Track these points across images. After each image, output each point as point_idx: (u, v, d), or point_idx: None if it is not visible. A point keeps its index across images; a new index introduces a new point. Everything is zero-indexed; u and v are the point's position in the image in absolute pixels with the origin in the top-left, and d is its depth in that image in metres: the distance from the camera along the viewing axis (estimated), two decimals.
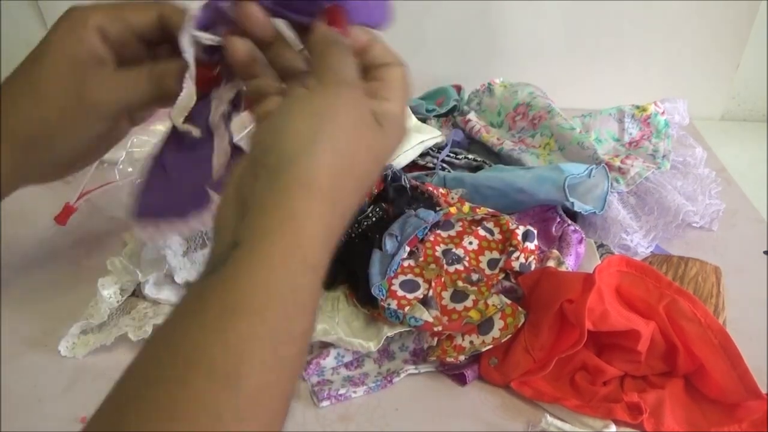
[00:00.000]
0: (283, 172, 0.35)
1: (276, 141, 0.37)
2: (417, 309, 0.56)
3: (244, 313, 0.32)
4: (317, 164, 0.36)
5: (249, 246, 0.34)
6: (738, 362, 0.50)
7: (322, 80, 0.39)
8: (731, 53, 1.03)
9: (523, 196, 0.67)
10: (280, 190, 0.35)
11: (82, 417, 0.52)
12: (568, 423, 0.50)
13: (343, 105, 0.38)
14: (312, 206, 0.35)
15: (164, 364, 0.32)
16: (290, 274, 0.34)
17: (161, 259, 0.60)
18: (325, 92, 0.38)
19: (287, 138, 0.36)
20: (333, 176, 0.36)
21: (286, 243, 0.35)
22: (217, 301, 0.33)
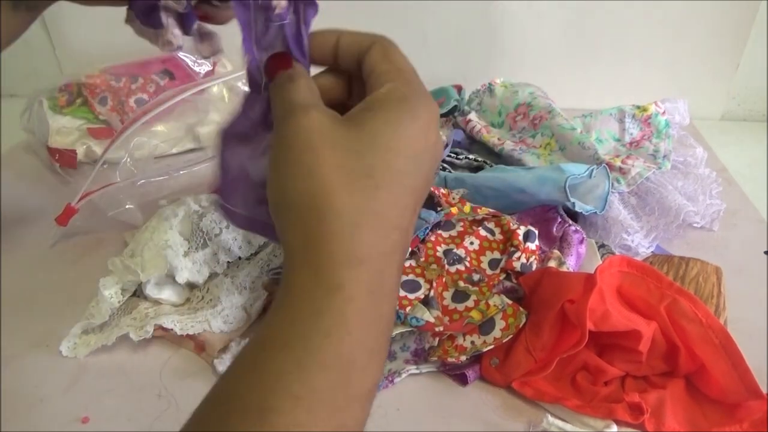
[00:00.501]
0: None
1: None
2: (418, 309, 0.56)
3: (269, 348, 0.33)
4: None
5: (280, 289, 0.35)
6: (739, 362, 0.50)
7: (275, 127, 0.39)
8: (731, 53, 1.03)
9: (523, 196, 0.67)
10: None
11: (84, 417, 0.52)
12: (570, 423, 0.50)
13: (291, 134, 0.37)
14: (331, 232, 0.35)
15: (212, 403, 0.33)
16: (310, 300, 0.34)
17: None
18: (284, 138, 0.37)
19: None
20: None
21: (304, 276, 0.35)
22: (252, 342, 0.34)
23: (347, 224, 0.34)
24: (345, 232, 0.34)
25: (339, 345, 0.33)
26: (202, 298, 0.62)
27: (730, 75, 1.05)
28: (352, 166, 0.35)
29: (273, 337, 0.34)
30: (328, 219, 0.34)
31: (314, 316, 0.33)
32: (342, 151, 0.36)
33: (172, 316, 0.58)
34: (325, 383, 0.32)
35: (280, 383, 0.32)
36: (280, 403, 0.31)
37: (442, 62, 1.07)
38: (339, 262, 0.34)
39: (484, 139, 0.84)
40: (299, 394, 0.31)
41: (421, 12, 1.03)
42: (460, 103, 0.93)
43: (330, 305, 0.33)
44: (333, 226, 0.34)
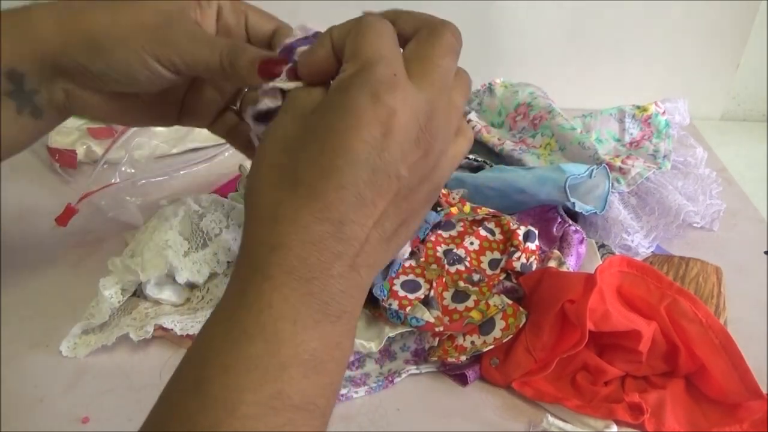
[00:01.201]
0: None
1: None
2: (418, 309, 0.56)
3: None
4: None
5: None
6: (739, 362, 0.50)
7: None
8: (731, 53, 1.03)
9: (524, 196, 0.67)
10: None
11: (84, 417, 0.52)
12: (570, 423, 0.50)
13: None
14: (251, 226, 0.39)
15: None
16: (239, 281, 0.37)
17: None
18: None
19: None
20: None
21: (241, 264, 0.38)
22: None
23: (267, 217, 0.37)
24: (265, 224, 0.37)
25: (258, 316, 0.35)
26: (202, 298, 0.62)
27: (730, 75, 1.05)
28: (283, 163, 0.38)
29: (210, 318, 0.37)
30: (254, 212, 0.38)
31: (237, 295, 0.37)
32: (282, 150, 0.38)
33: (173, 316, 0.58)
34: (251, 351, 0.34)
35: (211, 354, 0.35)
36: (212, 372, 0.34)
37: None
38: (255, 250, 0.37)
39: (484, 139, 0.84)
40: (228, 363, 0.34)
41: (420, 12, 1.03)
42: None
43: (250, 284, 0.36)
44: (256, 218, 0.38)
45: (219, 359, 0.34)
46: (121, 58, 0.45)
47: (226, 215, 0.63)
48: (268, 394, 0.33)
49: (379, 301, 0.56)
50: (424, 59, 0.40)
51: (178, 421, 0.33)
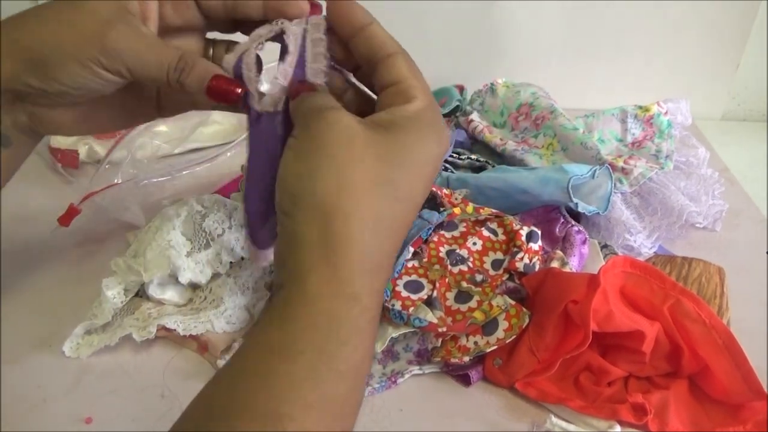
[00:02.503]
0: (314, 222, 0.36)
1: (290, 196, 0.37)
2: (421, 310, 0.56)
3: (286, 353, 0.33)
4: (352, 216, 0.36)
5: (290, 287, 0.35)
6: (742, 363, 0.50)
7: (296, 134, 0.40)
8: (731, 53, 1.03)
9: (526, 196, 0.67)
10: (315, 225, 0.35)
11: (87, 417, 0.52)
12: (573, 424, 0.50)
13: (338, 138, 0.37)
14: (353, 236, 0.35)
15: (214, 406, 0.33)
16: (328, 308, 0.34)
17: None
18: (315, 133, 0.38)
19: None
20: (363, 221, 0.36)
21: (322, 277, 0.34)
22: (257, 343, 0.34)
23: (369, 229, 0.35)
24: (366, 238, 0.35)
25: (354, 354, 0.33)
26: (205, 299, 0.61)
27: (730, 75, 1.05)
28: (381, 173, 0.36)
29: (285, 341, 0.33)
30: (351, 220, 0.34)
31: (333, 324, 0.33)
32: (373, 156, 0.36)
33: (175, 317, 0.58)
34: (338, 391, 0.32)
35: (294, 391, 0.32)
36: (293, 410, 0.31)
37: (443, 62, 1.07)
38: (358, 269, 0.34)
39: (486, 139, 0.84)
40: (312, 402, 0.32)
41: (421, 12, 1.03)
42: (462, 103, 0.92)
43: (348, 314, 0.34)
44: (354, 228, 0.34)
45: (303, 396, 0.32)
46: (69, 72, 0.43)
47: (229, 215, 0.63)
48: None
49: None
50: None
51: None
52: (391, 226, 0.36)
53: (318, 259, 0.34)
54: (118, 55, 0.43)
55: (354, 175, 0.35)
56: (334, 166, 0.35)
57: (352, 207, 0.35)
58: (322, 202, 0.35)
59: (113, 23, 0.43)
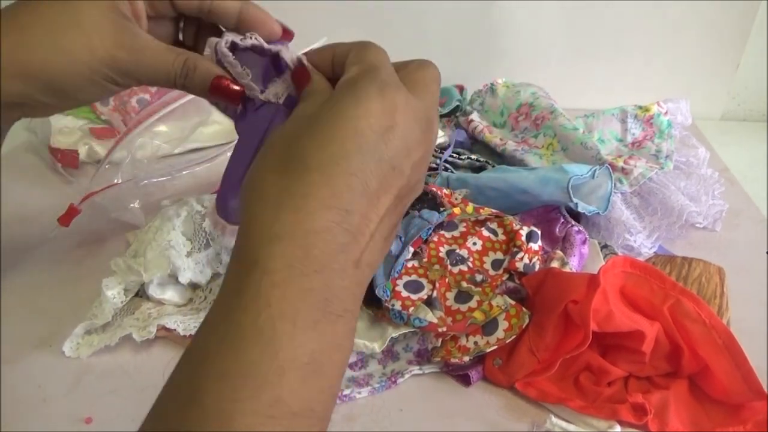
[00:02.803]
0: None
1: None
2: (421, 310, 0.56)
3: (201, 330, 0.35)
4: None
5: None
6: (742, 363, 0.50)
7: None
8: (731, 53, 1.03)
9: (526, 197, 0.67)
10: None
11: (87, 417, 0.52)
12: (573, 424, 0.50)
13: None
14: (252, 211, 0.37)
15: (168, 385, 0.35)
16: (233, 276, 0.36)
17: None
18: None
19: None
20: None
21: (234, 252, 0.36)
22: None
23: (270, 205, 0.36)
24: (267, 212, 0.36)
25: (256, 318, 0.33)
26: (205, 299, 0.62)
27: (730, 75, 1.05)
28: (287, 151, 0.37)
29: (203, 322, 0.35)
30: (254, 201, 0.36)
31: (233, 294, 0.34)
32: (284, 139, 0.38)
33: (175, 317, 0.58)
34: (248, 356, 0.32)
35: (206, 363, 0.32)
36: (208, 382, 0.32)
37: (443, 62, 1.05)
38: (256, 239, 0.35)
39: (486, 139, 0.84)
40: (224, 371, 0.32)
41: (421, 12, 1.03)
42: (461, 103, 0.93)
43: (247, 281, 0.34)
44: (257, 208, 0.36)
45: (215, 366, 0.32)
46: (84, 92, 0.46)
47: None
48: (265, 403, 0.31)
49: (382, 301, 0.56)
50: (418, 81, 0.41)
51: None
52: (302, 195, 0.36)
53: (235, 246, 0.37)
54: (128, 72, 0.45)
55: (263, 162, 0.38)
56: (254, 165, 0.38)
57: (254, 195, 0.37)
58: (242, 195, 0.38)
59: (119, 39, 0.45)
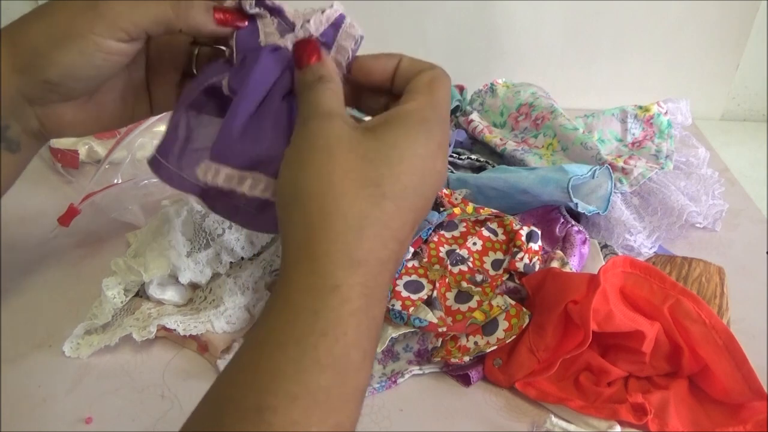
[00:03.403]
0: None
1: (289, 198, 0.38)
2: (421, 310, 0.56)
3: (265, 347, 0.34)
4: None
5: (277, 284, 0.37)
6: (742, 363, 0.50)
7: (298, 131, 0.40)
8: (731, 53, 1.03)
9: (526, 197, 0.67)
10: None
11: (87, 417, 0.52)
12: (573, 424, 0.50)
13: (325, 137, 0.39)
14: (333, 233, 0.36)
15: (207, 403, 0.35)
16: (308, 300, 0.35)
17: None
18: (307, 140, 0.39)
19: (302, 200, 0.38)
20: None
21: (303, 271, 0.36)
22: (248, 340, 0.37)
23: (351, 227, 0.35)
24: (348, 234, 0.35)
25: (335, 345, 0.33)
26: (205, 299, 0.61)
27: (730, 75, 1.05)
28: (363, 172, 0.37)
29: (269, 336, 0.34)
30: (333, 219, 0.35)
31: (311, 316, 0.34)
32: (356, 157, 0.37)
33: (175, 317, 0.58)
34: (322, 382, 0.32)
35: (277, 382, 0.32)
36: (277, 401, 0.32)
37: (443, 62, 1.05)
38: (338, 263, 0.35)
39: (486, 139, 0.84)
40: (296, 393, 0.32)
41: (421, 12, 1.03)
42: (462, 103, 0.93)
43: (326, 305, 0.34)
44: (336, 227, 0.35)
45: (285, 388, 0.32)
46: (69, 51, 0.43)
47: None
48: (329, 428, 0.32)
49: None
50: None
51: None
52: (380, 222, 0.36)
53: (302, 257, 0.36)
54: (113, 16, 0.43)
55: (334, 178, 0.36)
56: (315, 170, 0.37)
57: (334, 207, 0.36)
58: (304, 206, 0.37)
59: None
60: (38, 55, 0.44)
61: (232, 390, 0.34)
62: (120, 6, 0.43)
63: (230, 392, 0.33)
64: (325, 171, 0.37)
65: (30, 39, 0.44)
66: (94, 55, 0.44)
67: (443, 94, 0.42)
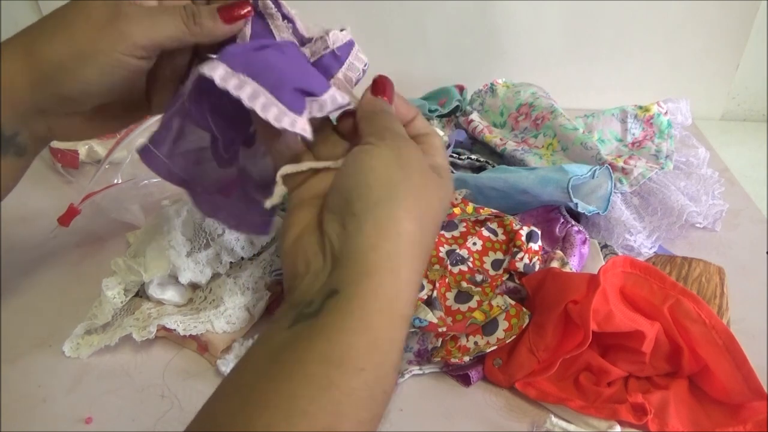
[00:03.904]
0: (371, 217, 0.36)
1: (360, 189, 0.38)
2: (421, 310, 0.56)
3: (348, 368, 0.32)
4: (404, 208, 0.37)
5: (348, 294, 0.34)
6: (742, 363, 0.50)
7: (383, 137, 0.41)
8: (731, 53, 1.03)
9: (526, 197, 0.67)
10: (371, 236, 0.36)
11: (87, 417, 0.52)
12: (573, 424, 0.50)
13: (413, 156, 0.41)
14: (403, 250, 0.36)
15: (255, 417, 0.30)
16: (389, 327, 0.34)
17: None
18: (393, 145, 0.40)
19: (370, 186, 0.38)
20: (416, 219, 0.37)
21: (386, 291, 0.35)
22: (317, 353, 0.32)
23: (406, 243, 0.37)
24: (404, 260, 0.37)
25: (393, 378, 0.35)
26: (205, 299, 0.61)
27: (730, 75, 1.05)
28: (417, 193, 0.39)
29: (346, 354, 0.33)
30: (399, 244, 0.37)
31: (389, 345, 0.34)
32: (413, 186, 0.39)
33: (175, 317, 0.58)
34: (378, 413, 0.33)
35: (352, 408, 0.32)
36: (346, 425, 0.31)
37: (443, 62, 1.07)
38: (406, 289, 0.36)
39: (486, 139, 0.84)
40: (363, 421, 0.32)
41: (421, 12, 1.03)
42: (462, 103, 0.93)
43: (400, 336, 0.36)
44: (401, 250, 0.37)
45: (356, 417, 0.32)
46: (94, 69, 0.45)
47: None
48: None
49: None
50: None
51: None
52: (426, 249, 0.39)
53: (375, 269, 0.35)
54: (135, 36, 0.44)
55: (421, 204, 0.38)
56: (415, 194, 0.38)
57: (398, 227, 0.37)
58: (393, 217, 0.37)
59: (117, 11, 0.45)
60: (59, 70, 0.45)
61: (302, 402, 0.31)
62: (138, 24, 0.45)
63: (301, 406, 0.31)
64: (420, 194, 0.39)
65: (50, 53, 0.45)
66: (114, 72, 0.45)
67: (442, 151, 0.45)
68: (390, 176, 0.38)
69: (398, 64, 1.04)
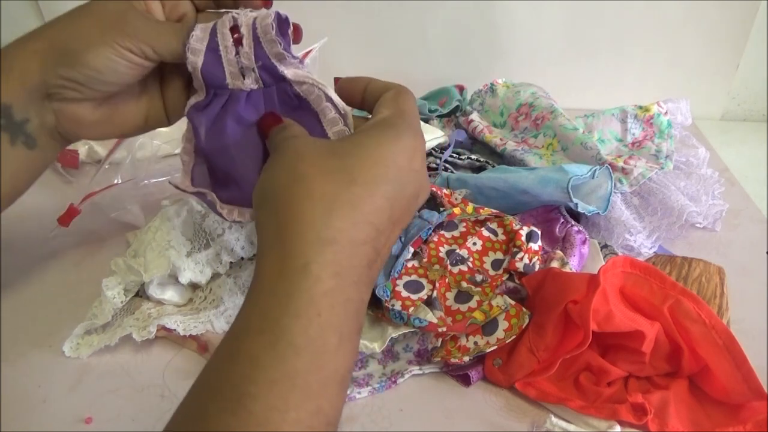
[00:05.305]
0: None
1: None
2: (421, 310, 0.56)
3: (243, 335, 0.35)
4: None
5: (254, 273, 0.37)
6: (742, 363, 0.50)
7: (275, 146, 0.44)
8: (731, 53, 1.03)
9: (526, 197, 0.67)
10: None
11: (87, 417, 0.52)
12: (573, 424, 0.50)
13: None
14: (300, 214, 0.38)
15: (193, 393, 0.35)
16: (280, 283, 0.36)
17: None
18: (279, 154, 0.43)
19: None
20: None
21: (274, 256, 0.37)
22: (231, 331, 0.37)
23: (320, 208, 0.37)
24: (316, 214, 0.36)
25: (308, 326, 0.34)
26: (205, 299, 0.62)
27: (730, 75, 1.05)
28: (331, 164, 0.39)
29: (246, 323, 0.35)
30: (302, 202, 0.37)
31: (284, 299, 0.34)
32: (324, 154, 0.40)
33: (175, 317, 0.58)
34: (298, 366, 0.33)
35: (255, 369, 0.33)
36: (256, 388, 0.32)
37: (443, 62, 1.07)
38: (307, 242, 0.36)
39: (486, 139, 0.84)
40: (274, 378, 0.32)
41: (421, 12, 1.03)
42: (462, 103, 0.93)
43: (299, 286, 0.34)
44: (305, 208, 0.37)
45: (264, 373, 0.32)
46: (98, 55, 0.47)
47: None
48: (309, 412, 0.32)
49: (382, 301, 0.56)
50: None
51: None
52: (351, 203, 0.37)
53: (273, 241, 0.37)
54: (138, 36, 0.47)
55: (304, 169, 0.39)
56: (287, 168, 0.40)
57: (302, 192, 0.37)
58: (276, 195, 0.38)
59: (128, 14, 0.48)
60: (66, 53, 0.47)
61: (214, 380, 0.34)
62: (142, 29, 0.48)
63: (213, 382, 0.34)
64: (294, 166, 0.39)
65: (60, 39, 0.47)
66: (118, 63, 0.48)
67: (410, 105, 0.45)
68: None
69: (398, 64, 1.04)
